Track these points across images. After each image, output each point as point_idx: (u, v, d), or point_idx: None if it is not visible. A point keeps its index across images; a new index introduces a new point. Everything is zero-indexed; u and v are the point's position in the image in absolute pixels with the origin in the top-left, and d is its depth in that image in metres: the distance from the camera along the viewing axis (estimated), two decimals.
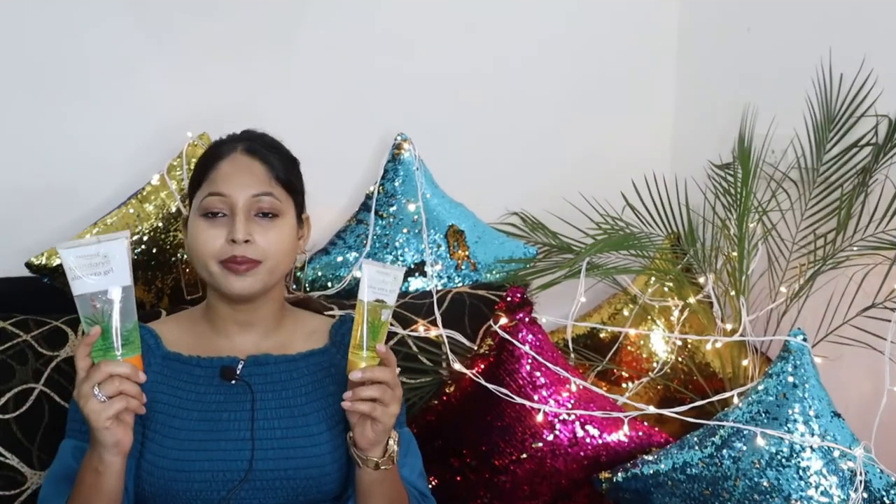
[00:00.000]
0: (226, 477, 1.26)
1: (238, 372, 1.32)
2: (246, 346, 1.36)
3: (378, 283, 1.21)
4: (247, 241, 1.28)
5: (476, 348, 1.74)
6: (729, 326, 1.82)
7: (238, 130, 1.41)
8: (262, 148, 1.35)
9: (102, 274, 1.12)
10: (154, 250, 1.73)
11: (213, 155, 1.35)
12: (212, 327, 1.37)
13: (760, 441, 1.48)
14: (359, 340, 1.21)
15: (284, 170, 1.34)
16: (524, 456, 1.63)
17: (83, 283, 1.12)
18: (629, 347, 2.04)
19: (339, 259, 1.89)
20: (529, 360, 1.63)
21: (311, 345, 1.39)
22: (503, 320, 1.67)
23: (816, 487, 1.45)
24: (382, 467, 1.24)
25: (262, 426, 1.29)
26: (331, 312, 1.53)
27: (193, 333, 1.38)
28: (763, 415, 1.50)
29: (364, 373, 1.20)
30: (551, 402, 1.62)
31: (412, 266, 1.89)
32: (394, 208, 1.90)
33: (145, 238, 1.72)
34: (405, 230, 1.90)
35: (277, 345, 1.38)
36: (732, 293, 1.83)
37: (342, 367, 1.35)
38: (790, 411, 1.48)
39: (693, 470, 1.54)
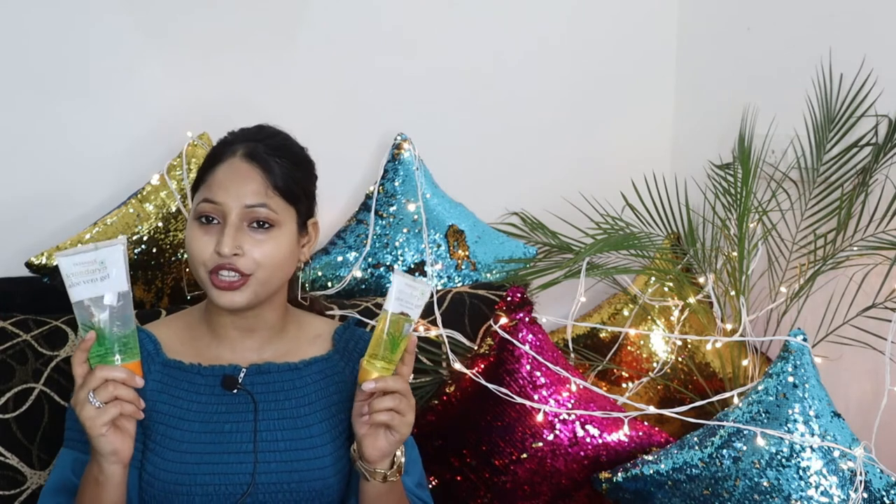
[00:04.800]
0: (228, 490, 1.24)
1: (239, 381, 1.28)
2: (247, 354, 1.32)
3: (406, 295, 1.18)
4: (235, 255, 1.22)
5: (476, 348, 1.74)
6: (729, 326, 1.82)
7: (250, 125, 1.35)
8: (265, 152, 1.27)
9: (99, 280, 1.12)
10: (154, 250, 1.73)
11: (214, 157, 1.29)
12: (212, 333, 1.33)
13: (760, 441, 1.48)
14: (375, 350, 1.19)
15: (285, 177, 1.27)
16: (524, 456, 1.63)
17: (80, 290, 1.12)
18: (629, 347, 2.03)
19: (339, 259, 1.89)
20: (529, 360, 1.63)
21: (315, 351, 1.35)
22: (503, 320, 1.67)
23: (816, 487, 1.45)
24: (390, 479, 1.22)
25: (264, 437, 1.27)
26: (331, 312, 1.53)
27: (193, 339, 1.34)
28: (763, 415, 1.50)
29: (377, 383, 1.17)
30: (551, 401, 1.62)
31: (412, 266, 1.89)
32: (394, 208, 1.90)
33: (145, 238, 1.72)
34: (405, 230, 1.90)
35: (280, 352, 1.34)
36: (732, 293, 1.83)
37: (345, 375, 1.34)
38: (790, 411, 1.48)
39: (693, 470, 1.54)
